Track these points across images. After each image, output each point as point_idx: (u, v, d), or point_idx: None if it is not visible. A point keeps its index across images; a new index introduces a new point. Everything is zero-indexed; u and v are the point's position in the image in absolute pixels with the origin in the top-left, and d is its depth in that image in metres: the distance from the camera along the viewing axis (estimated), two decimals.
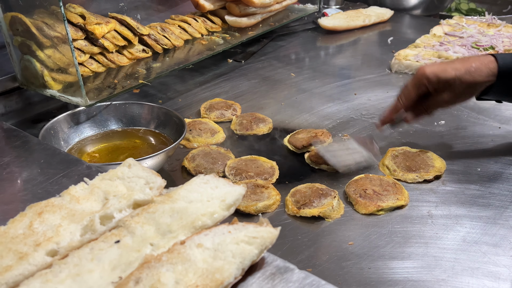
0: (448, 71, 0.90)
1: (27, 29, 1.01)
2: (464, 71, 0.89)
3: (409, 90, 0.94)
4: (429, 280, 0.72)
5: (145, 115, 1.05)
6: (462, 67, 0.90)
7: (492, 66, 0.90)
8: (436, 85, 0.92)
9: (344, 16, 1.87)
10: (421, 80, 0.92)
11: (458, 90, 0.91)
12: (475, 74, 0.89)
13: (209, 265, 0.50)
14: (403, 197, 0.88)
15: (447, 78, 0.90)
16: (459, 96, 0.93)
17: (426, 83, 0.92)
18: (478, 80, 0.90)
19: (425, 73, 0.91)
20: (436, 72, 0.90)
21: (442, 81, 0.90)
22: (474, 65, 0.90)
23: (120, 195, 0.60)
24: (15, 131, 0.84)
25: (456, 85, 0.90)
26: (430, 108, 0.96)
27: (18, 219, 0.56)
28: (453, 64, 0.91)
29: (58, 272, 0.49)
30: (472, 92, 0.93)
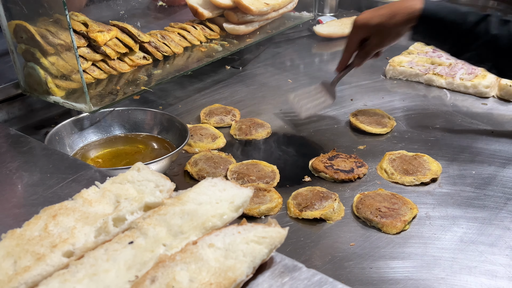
0: (375, 18, 1.05)
1: (31, 37, 1.02)
2: (387, 17, 1.04)
3: (349, 40, 1.12)
4: (428, 278, 0.75)
5: (148, 121, 1.07)
6: (386, 13, 1.04)
7: (414, 9, 1.01)
8: (367, 31, 1.07)
9: (339, 23, 1.91)
10: (355, 29, 1.09)
11: (384, 34, 1.06)
12: (397, 17, 1.03)
13: (221, 264, 0.52)
14: (413, 205, 0.90)
15: (372, 24, 1.05)
16: (386, 38, 1.07)
17: (359, 31, 1.09)
18: (399, 23, 1.03)
19: (358, 23, 1.08)
20: (365, 20, 1.07)
21: (370, 27, 1.06)
22: (396, 9, 1.03)
23: (131, 198, 0.62)
24: (22, 137, 0.86)
25: (382, 29, 1.05)
26: (369, 51, 1.11)
27: (33, 221, 0.58)
28: (380, 10, 1.06)
29: (76, 272, 0.51)
30: (396, 33, 1.06)
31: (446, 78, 1.42)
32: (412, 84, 1.46)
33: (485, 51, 1.03)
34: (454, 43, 1.05)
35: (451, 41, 1.05)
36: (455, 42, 1.04)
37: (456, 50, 1.06)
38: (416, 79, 1.48)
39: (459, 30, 1.02)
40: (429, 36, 1.07)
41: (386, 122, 1.20)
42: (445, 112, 1.28)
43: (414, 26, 1.04)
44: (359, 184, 0.99)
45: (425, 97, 1.38)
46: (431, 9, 1.02)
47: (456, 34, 1.03)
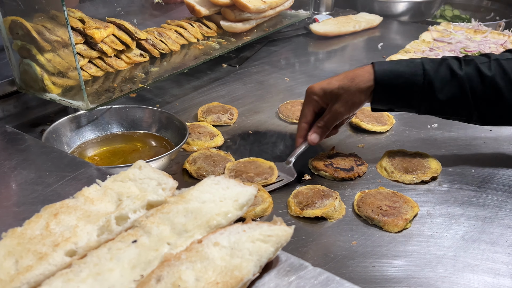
0: (333, 82, 0.95)
1: (28, 33, 1.01)
2: (347, 80, 0.94)
3: (304, 110, 0.99)
4: (431, 277, 0.74)
5: (147, 118, 1.06)
6: (345, 77, 0.95)
7: (371, 71, 0.94)
8: (325, 98, 0.96)
9: (335, 22, 1.91)
10: (311, 96, 0.97)
11: (345, 98, 0.94)
12: (356, 80, 0.93)
13: (227, 262, 0.51)
14: (414, 204, 0.89)
15: (332, 89, 0.95)
16: (347, 104, 0.95)
17: (316, 99, 0.97)
18: (361, 85, 0.93)
19: (313, 90, 0.97)
20: (322, 86, 0.96)
21: (328, 93, 0.95)
22: (356, 72, 0.94)
23: (133, 196, 0.61)
24: (19, 135, 0.85)
25: (342, 93, 0.94)
26: (327, 123, 0.98)
27: (34, 220, 0.57)
28: (338, 76, 0.96)
29: (79, 272, 0.50)
30: (359, 98, 0.95)
31: None
32: None
33: (456, 98, 0.92)
34: (420, 97, 0.93)
35: (417, 97, 0.93)
36: (421, 96, 0.93)
37: (426, 106, 0.95)
38: None
39: (421, 81, 0.92)
40: (391, 98, 0.95)
41: (385, 120, 1.20)
42: None
43: (373, 92, 0.94)
44: (359, 182, 0.99)
45: None
46: (385, 68, 0.93)
47: (419, 87, 0.92)
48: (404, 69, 0.93)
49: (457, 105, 0.93)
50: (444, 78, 0.92)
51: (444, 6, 2.47)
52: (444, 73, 0.92)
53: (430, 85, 0.92)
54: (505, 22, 2.02)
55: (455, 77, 0.91)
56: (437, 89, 0.92)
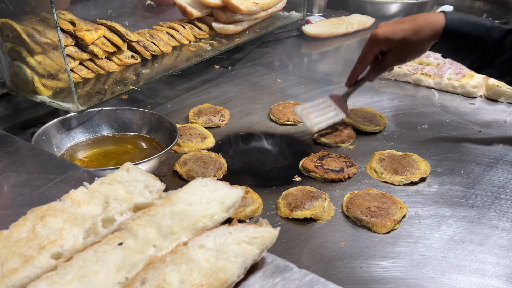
0: (397, 32, 0.97)
1: (18, 35, 1.01)
2: (411, 31, 0.96)
3: (364, 53, 1.04)
4: (418, 278, 0.75)
5: (137, 120, 1.06)
6: (410, 27, 0.97)
7: (438, 27, 0.96)
8: (388, 45, 1.00)
9: (327, 23, 1.91)
10: (374, 42, 1.01)
11: (407, 49, 0.99)
12: (421, 33, 0.96)
13: (213, 265, 0.51)
14: (402, 205, 0.90)
15: (396, 39, 0.98)
16: (409, 53, 1.00)
17: (379, 44, 1.00)
18: (424, 39, 0.97)
19: (377, 36, 1.00)
20: (386, 34, 0.98)
21: (392, 42, 0.98)
22: (422, 25, 0.96)
23: (120, 199, 0.61)
24: (8, 137, 0.84)
25: (405, 45, 0.98)
26: (386, 66, 1.04)
27: (20, 223, 0.57)
28: (402, 24, 0.98)
29: (64, 274, 0.50)
30: (421, 49, 1.00)
31: (434, 78, 1.43)
32: (401, 84, 1.47)
33: (507, 67, 0.99)
34: (476, 58, 1.00)
35: (473, 57, 1.00)
36: (478, 58, 1.00)
37: (477, 66, 1.02)
38: (405, 79, 1.49)
39: (483, 46, 0.98)
40: (451, 51, 1.02)
41: (378, 121, 1.20)
42: (433, 112, 1.29)
43: (436, 43, 0.99)
44: (349, 183, 0.99)
45: (414, 97, 1.39)
46: (455, 24, 0.96)
47: (479, 50, 0.99)
48: (473, 30, 0.96)
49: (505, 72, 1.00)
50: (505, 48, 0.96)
51: (437, 7, 2.49)
52: (507, 44, 0.96)
53: (490, 53, 0.97)
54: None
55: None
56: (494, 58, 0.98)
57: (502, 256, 0.79)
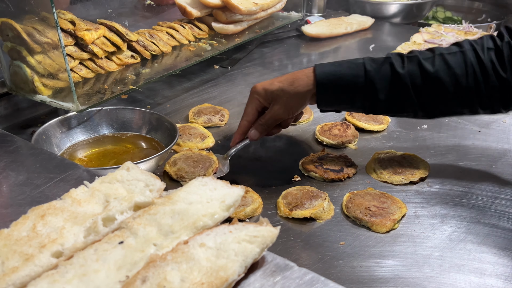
0: (274, 84, 0.96)
1: (18, 35, 1.01)
2: (287, 82, 0.95)
3: (247, 108, 1.00)
4: (418, 277, 0.75)
5: (137, 120, 1.06)
6: (285, 79, 0.96)
7: (311, 75, 0.94)
8: (266, 98, 0.97)
9: (327, 23, 1.91)
10: (253, 95, 0.98)
11: (285, 101, 0.95)
12: (295, 84, 0.94)
13: (213, 263, 0.51)
14: (402, 204, 0.90)
15: (272, 90, 0.95)
16: (287, 106, 0.96)
17: (258, 97, 0.97)
18: (300, 89, 0.94)
19: (255, 89, 0.98)
20: (264, 86, 0.96)
21: (269, 93, 0.96)
22: (296, 76, 0.95)
23: (120, 198, 0.61)
24: (8, 136, 0.85)
25: (281, 95, 0.95)
26: (268, 122, 0.98)
27: (21, 221, 0.57)
28: (280, 77, 0.97)
29: (65, 273, 0.50)
30: (298, 101, 0.96)
31: None
32: None
33: (397, 95, 0.92)
34: (363, 97, 0.93)
35: (359, 97, 0.93)
36: (363, 96, 0.93)
37: (369, 105, 0.94)
38: None
39: (362, 82, 0.92)
40: (334, 100, 0.96)
41: (381, 119, 1.21)
42: None
43: (316, 94, 0.94)
44: (349, 183, 0.99)
45: None
46: (326, 71, 0.93)
47: (360, 88, 0.92)
48: (346, 71, 0.93)
49: (400, 103, 0.93)
50: (385, 78, 0.91)
51: (436, 8, 2.49)
52: (385, 73, 0.91)
53: (372, 86, 0.92)
54: (496, 24, 2.03)
55: (397, 76, 0.91)
56: (378, 89, 0.92)
57: (501, 256, 0.79)
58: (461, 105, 0.92)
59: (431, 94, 0.91)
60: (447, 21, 2.42)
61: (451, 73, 0.89)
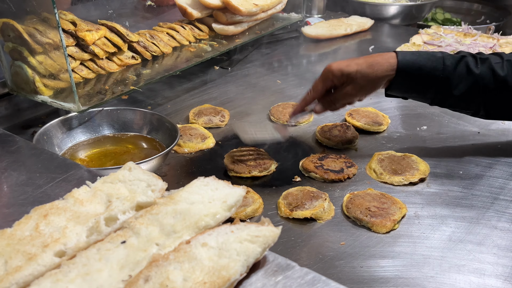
0: (351, 65, 0.95)
1: (19, 35, 1.01)
2: (366, 65, 0.94)
3: (317, 84, 0.98)
4: (418, 277, 0.75)
5: (138, 120, 1.07)
6: (364, 62, 0.95)
7: (393, 61, 0.95)
8: (341, 79, 0.96)
9: (327, 25, 1.92)
10: (327, 74, 0.96)
11: (360, 83, 0.95)
12: (376, 67, 0.94)
13: (215, 263, 0.52)
14: (402, 205, 0.90)
15: (350, 71, 0.94)
16: (362, 88, 0.96)
17: (332, 77, 0.96)
18: (379, 74, 0.95)
19: (331, 68, 0.96)
20: (341, 67, 0.95)
21: (345, 75, 0.95)
22: (376, 60, 0.95)
23: (123, 198, 0.62)
24: (10, 136, 0.85)
25: (358, 78, 0.95)
26: (336, 101, 0.99)
27: (23, 221, 0.57)
28: (357, 59, 0.96)
29: (68, 272, 0.51)
30: (374, 85, 0.97)
31: None
32: None
33: (469, 93, 0.96)
34: (436, 90, 0.97)
35: (433, 89, 0.97)
36: (437, 89, 0.97)
37: (440, 98, 0.99)
38: None
39: (440, 76, 0.95)
40: (409, 86, 0.99)
41: (381, 120, 1.21)
42: (432, 113, 1.30)
43: (392, 80, 0.96)
44: (349, 184, 1.00)
45: None
46: (408, 59, 0.95)
47: (437, 80, 0.96)
48: (426, 62, 0.95)
49: (469, 100, 0.97)
50: (461, 75, 0.95)
51: (436, 10, 2.50)
52: (461, 70, 0.95)
53: (448, 80, 0.95)
54: (495, 26, 2.04)
55: (471, 75, 0.95)
56: (453, 85, 0.95)
57: (501, 256, 0.80)
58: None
59: (498, 97, 0.96)
60: (446, 23, 2.43)
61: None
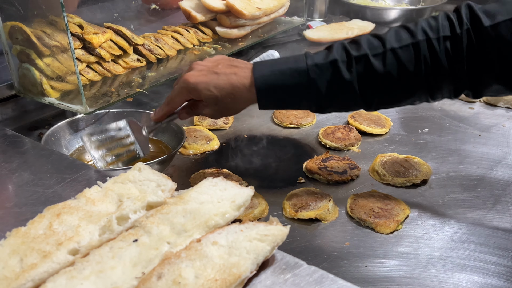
0: (211, 89, 0.84)
1: (27, 38, 1.02)
2: (225, 93, 0.84)
3: (174, 97, 0.89)
4: (422, 277, 0.77)
5: (144, 122, 1.07)
6: (224, 88, 0.84)
7: (252, 88, 0.83)
8: (199, 97, 0.86)
9: (328, 28, 1.93)
10: (185, 90, 0.86)
11: (220, 109, 0.87)
12: (236, 96, 0.84)
13: (226, 261, 0.53)
14: (405, 206, 0.92)
15: (209, 95, 0.84)
16: (224, 113, 0.89)
17: (190, 94, 0.86)
18: (240, 104, 0.87)
19: (188, 85, 0.85)
20: (199, 87, 0.84)
21: (203, 96, 0.85)
22: (235, 87, 0.84)
23: (133, 197, 0.63)
24: (19, 137, 0.86)
25: (218, 104, 0.85)
26: (201, 113, 0.90)
27: (37, 220, 0.58)
28: (218, 82, 0.84)
29: (82, 269, 0.52)
30: (236, 111, 0.89)
31: None
32: None
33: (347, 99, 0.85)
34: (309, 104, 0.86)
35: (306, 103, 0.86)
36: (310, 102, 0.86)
37: (316, 109, 0.87)
38: None
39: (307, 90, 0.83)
40: (278, 106, 0.92)
41: (383, 123, 1.23)
42: (434, 116, 1.31)
43: (258, 105, 0.86)
44: (352, 185, 1.01)
45: None
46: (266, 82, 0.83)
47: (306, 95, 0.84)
48: (288, 81, 0.83)
49: (346, 104, 0.87)
50: (332, 85, 0.83)
51: (436, 13, 2.52)
52: (331, 80, 0.82)
53: (317, 92, 0.83)
54: None
55: (344, 83, 0.82)
56: (325, 97, 0.84)
57: (503, 256, 0.81)
58: (407, 99, 0.85)
59: (378, 92, 0.84)
60: None
61: (402, 71, 0.81)
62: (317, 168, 1.03)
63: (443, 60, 0.79)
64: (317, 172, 1.02)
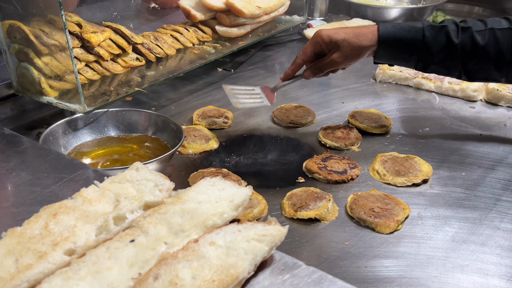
0: (339, 33, 1.04)
1: (25, 37, 1.02)
2: (352, 34, 1.03)
3: (307, 47, 1.08)
4: (422, 277, 0.76)
5: (143, 122, 1.07)
6: (351, 31, 1.04)
7: (376, 33, 1.03)
8: (329, 45, 1.05)
9: (328, 27, 1.92)
10: (317, 39, 1.06)
11: (346, 51, 1.04)
12: (361, 38, 1.03)
13: (223, 261, 0.52)
14: (405, 206, 0.91)
15: (337, 39, 1.03)
16: (347, 57, 1.05)
17: (321, 42, 1.05)
18: (363, 44, 1.03)
19: (320, 34, 1.05)
20: (330, 34, 1.04)
21: (333, 41, 1.04)
22: (362, 31, 1.04)
23: (131, 197, 0.62)
24: (17, 137, 0.86)
25: (345, 46, 1.03)
26: (323, 67, 1.08)
27: (33, 220, 0.58)
28: (345, 29, 1.05)
29: (78, 270, 0.51)
30: (358, 54, 1.05)
31: (435, 82, 1.45)
32: (402, 88, 1.49)
33: (450, 61, 1.03)
34: (418, 58, 1.04)
35: (414, 58, 1.05)
36: (419, 57, 1.04)
37: (422, 65, 1.06)
38: (406, 83, 1.50)
39: (420, 46, 1.02)
40: (392, 57, 1.07)
41: (384, 122, 1.22)
42: (435, 115, 1.31)
43: (376, 51, 1.05)
44: (352, 185, 1.00)
45: (415, 100, 1.40)
46: (388, 31, 1.03)
47: (417, 50, 1.03)
48: (406, 34, 1.02)
49: (449, 67, 1.05)
50: (441, 45, 1.02)
51: (436, 13, 2.51)
52: (441, 40, 1.02)
53: (428, 50, 1.02)
54: None
55: (451, 45, 1.01)
56: (433, 54, 1.02)
57: (504, 256, 0.80)
58: (500, 74, 1.03)
59: (477, 63, 1.02)
60: None
61: (498, 48, 1.00)
62: (317, 168, 1.02)
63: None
64: (317, 172, 1.01)
